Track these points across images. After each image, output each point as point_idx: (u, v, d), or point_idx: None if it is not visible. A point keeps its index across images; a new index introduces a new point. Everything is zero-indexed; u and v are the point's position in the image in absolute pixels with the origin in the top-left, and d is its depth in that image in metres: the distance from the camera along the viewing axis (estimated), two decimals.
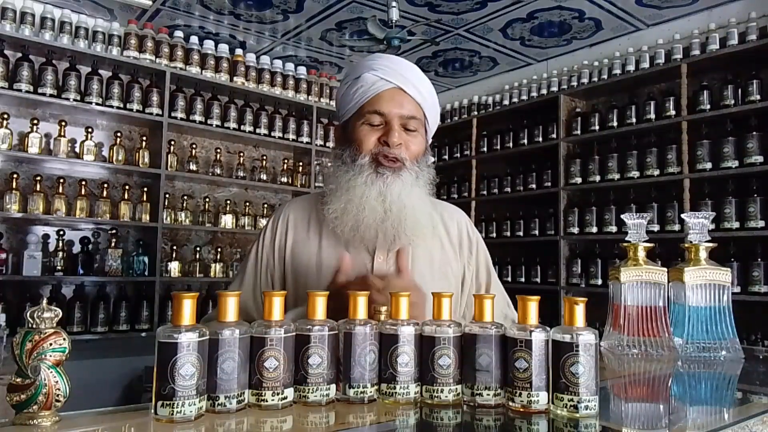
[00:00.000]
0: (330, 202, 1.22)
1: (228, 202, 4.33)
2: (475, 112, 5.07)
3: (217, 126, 4.19)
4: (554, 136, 4.37)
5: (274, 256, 1.29)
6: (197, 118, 4.11)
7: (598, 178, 4.09)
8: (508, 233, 4.68)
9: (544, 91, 4.57)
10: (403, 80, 1.22)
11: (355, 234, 1.18)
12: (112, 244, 3.80)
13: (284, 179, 4.59)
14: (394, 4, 3.55)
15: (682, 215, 1.40)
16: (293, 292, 1.20)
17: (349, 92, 1.25)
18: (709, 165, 3.52)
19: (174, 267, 4.05)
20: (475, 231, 1.40)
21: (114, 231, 3.86)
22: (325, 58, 4.88)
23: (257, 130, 4.37)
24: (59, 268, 3.60)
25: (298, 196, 1.52)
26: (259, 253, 1.31)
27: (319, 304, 0.81)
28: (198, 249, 4.19)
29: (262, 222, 4.35)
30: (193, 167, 4.16)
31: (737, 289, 3.30)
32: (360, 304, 0.82)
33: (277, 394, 0.75)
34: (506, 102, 4.83)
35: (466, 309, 1.31)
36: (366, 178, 1.19)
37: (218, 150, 4.34)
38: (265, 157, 4.55)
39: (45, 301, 0.71)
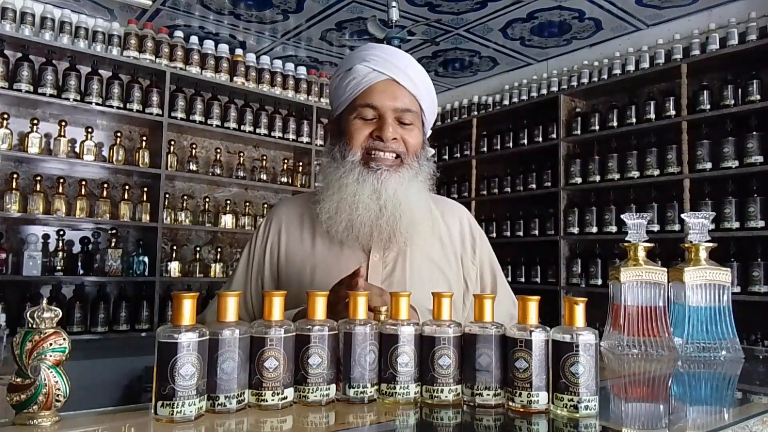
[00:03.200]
0: (322, 201, 1.18)
1: (228, 202, 4.33)
2: (475, 112, 5.07)
3: (217, 126, 4.19)
4: (554, 136, 4.37)
5: (265, 257, 1.26)
6: (197, 118, 4.11)
7: (598, 178, 4.09)
8: (508, 233, 4.68)
9: (544, 91, 4.57)
10: (397, 71, 1.17)
11: (349, 234, 1.15)
12: (112, 244, 3.80)
13: (284, 179, 4.59)
14: (394, 4, 3.55)
15: (682, 215, 1.40)
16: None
17: (342, 85, 1.21)
18: (709, 165, 3.51)
19: (174, 267, 4.05)
20: (479, 228, 1.35)
21: (114, 231, 3.86)
22: (325, 58, 4.88)
23: (257, 130, 4.37)
24: (59, 268, 3.60)
25: (291, 196, 1.49)
26: (251, 255, 1.28)
27: (319, 304, 0.81)
28: (198, 249, 4.19)
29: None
30: (193, 167, 4.16)
31: (737, 289, 3.30)
32: (360, 304, 0.82)
33: (277, 394, 0.75)
34: (506, 102, 4.83)
35: (471, 310, 1.23)
36: (357, 175, 1.15)
37: (218, 150, 4.34)
38: (265, 157, 4.55)
39: (45, 301, 0.71)
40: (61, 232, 3.68)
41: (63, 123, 3.66)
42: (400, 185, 1.15)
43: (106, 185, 3.84)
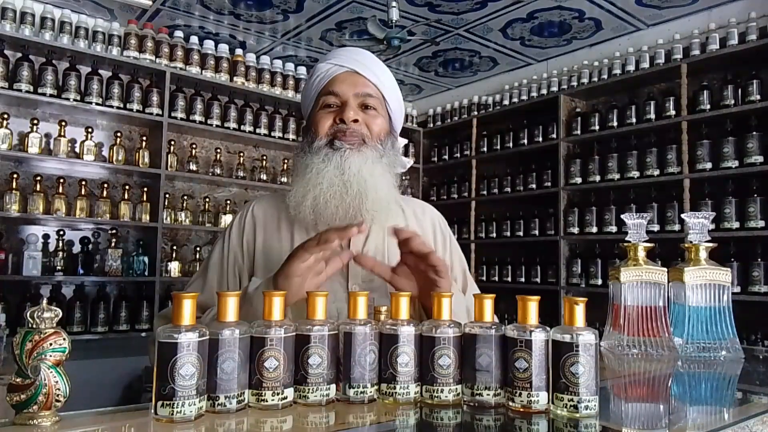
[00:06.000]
0: (291, 191, 1.20)
1: (228, 202, 4.33)
2: (475, 112, 5.07)
3: (217, 126, 4.19)
4: (554, 136, 4.37)
5: (242, 253, 1.24)
6: (197, 118, 4.11)
7: (598, 178, 4.09)
8: (508, 233, 4.68)
9: (544, 91, 4.57)
10: (357, 63, 1.22)
11: (317, 218, 1.15)
12: (112, 244, 3.80)
13: (284, 179, 4.58)
14: (394, 4, 3.55)
15: (682, 215, 1.40)
16: None
17: (308, 86, 1.27)
18: (709, 165, 3.51)
19: (174, 267, 4.05)
20: (448, 228, 1.38)
21: (114, 231, 3.86)
22: None
23: (257, 130, 4.37)
24: (59, 268, 3.60)
25: (265, 194, 1.48)
26: (225, 251, 1.25)
27: (319, 304, 0.81)
28: (198, 249, 4.19)
29: None
30: (193, 167, 4.16)
31: (737, 289, 3.30)
32: (360, 304, 0.82)
33: (277, 394, 0.75)
34: (506, 102, 4.83)
35: None
36: (323, 156, 1.16)
37: (218, 150, 4.34)
38: (265, 157, 4.55)
39: (45, 301, 0.71)
40: (61, 232, 3.68)
41: (63, 123, 3.66)
42: (365, 163, 1.16)
43: (106, 185, 3.84)
